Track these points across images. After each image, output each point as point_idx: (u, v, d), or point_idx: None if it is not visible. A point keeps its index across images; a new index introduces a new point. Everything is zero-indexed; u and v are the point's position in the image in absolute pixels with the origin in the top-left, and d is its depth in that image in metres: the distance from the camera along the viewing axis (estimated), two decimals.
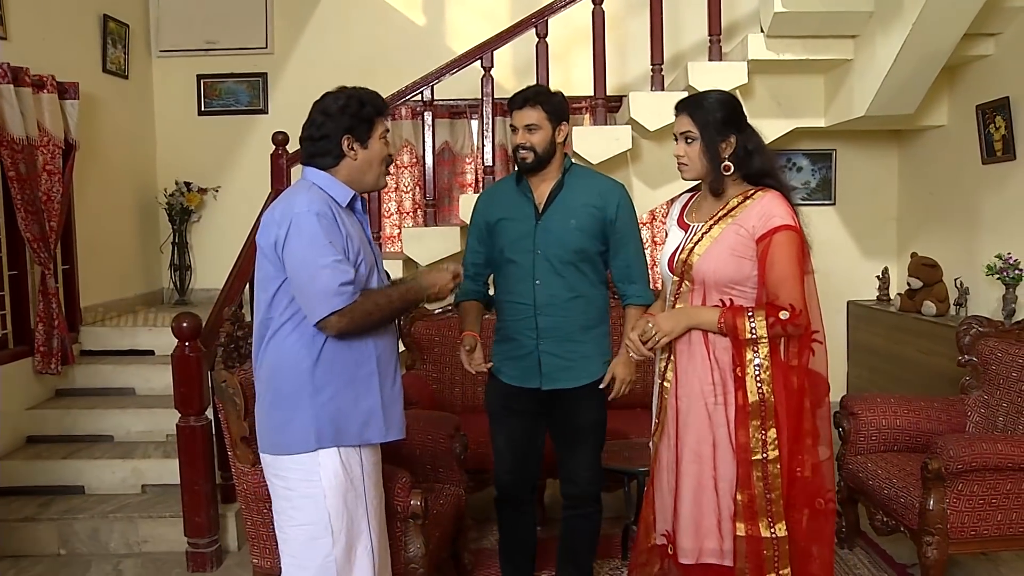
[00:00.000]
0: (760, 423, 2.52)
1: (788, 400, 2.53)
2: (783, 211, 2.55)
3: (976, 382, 3.92)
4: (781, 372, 2.53)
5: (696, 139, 2.63)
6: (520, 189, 3.08)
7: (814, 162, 6.38)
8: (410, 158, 6.27)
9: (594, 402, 3.08)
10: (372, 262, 2.54)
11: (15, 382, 4.58)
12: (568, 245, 2.98)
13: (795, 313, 2.47)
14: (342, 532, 2.48)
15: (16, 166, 4.40)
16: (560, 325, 3.00)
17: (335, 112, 2.49)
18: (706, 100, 2.64)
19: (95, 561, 4.03)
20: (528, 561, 3.33)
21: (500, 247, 3.07)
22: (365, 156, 2.53)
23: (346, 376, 2.46)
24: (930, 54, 4.59)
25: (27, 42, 4.79)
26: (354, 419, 2.48)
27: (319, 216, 2.37)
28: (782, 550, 2.55)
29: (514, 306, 3.05)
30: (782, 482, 2.53)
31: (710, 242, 2.59)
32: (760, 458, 2.53)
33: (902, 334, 5.55)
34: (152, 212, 6.31)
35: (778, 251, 2.51)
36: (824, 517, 2.59)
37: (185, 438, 3.82)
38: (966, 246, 5.35)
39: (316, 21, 6.33)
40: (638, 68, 5.74)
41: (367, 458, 2.54)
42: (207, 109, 6.41)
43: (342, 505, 2.47)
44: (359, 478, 2.51)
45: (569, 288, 3.00)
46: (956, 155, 5.47)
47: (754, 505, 2.53)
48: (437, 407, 4.38)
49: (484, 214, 3.17)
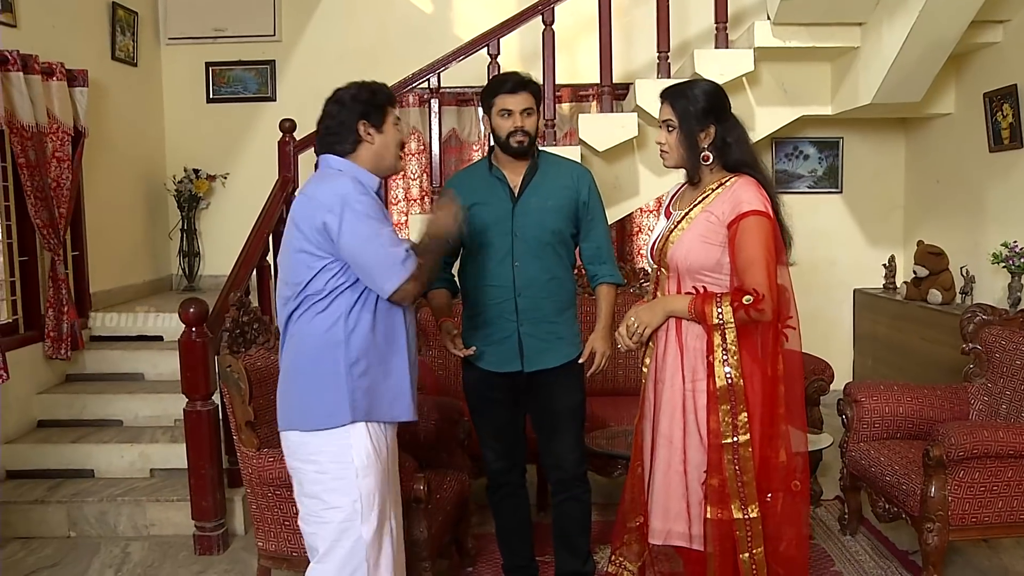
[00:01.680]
0: (730, 407, 2.56)
1: (762, 387, 2.56)
2: (753, 196, 2.57)
3: (979, 370, 3.92)
4: (750, 357, 2.56)
5: (676, 127, 2.66)
6: (493, 174, 3.12)
7: (821, 150, 6.36)
8: (417, 145, 6.29)
9: (574, 383, 3.14)
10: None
11: (26, 367, 4.62)
12: (547, 226, 3.05)
13: (758, 298, 2.49)
14: (372, 513, 2.51)
15: (26, 153, 4.44)
16: (539, 306, 3.06)
17: (348, 101, 2.58)
18: (688, 90, 2.67)
19: (103, 543, 4.08)
20: (526, 545, 3.36)
21: (474, 232, 3.09)
22: (382, 140, 2.60)
23: (378, 351, 2.53)
24: (937, 41, 4.57)
25: (37, 30, 4.82)
26: (385, 394, 2.54)
27: (367, 197, 2.47)
28: (755, 531, 2.59)
29: (492, 289, 3.08)
30: (754, 465, 2.56)
31: (683, 230, 2.64)
32: (731, 442, 2.57)
33: (908, 322, 5.55)
34: (161, 199, 6.35)
35: (745, 236, 2.54)
36: (799, 498, 2.63)
37: (192, 423, 3.86)
38: (972, 234, 5.34)
39: (324, 9, 6.35)
40: (645, 56, 5.75)
41: (391, 438, 2.61)
42: (215, 96, 6.44)
43: (374, 484, 2.51)
44: (386, 458, 2.57)
45: (547, 270, 3.06)
46: (963, 143, 5.45)
47: (725, 488, 2.57)
48: (442, 393, 4.40)
49: None
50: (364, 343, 2.50)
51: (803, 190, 6.38)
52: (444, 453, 3.64)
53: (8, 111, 4.32)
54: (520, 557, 3.37)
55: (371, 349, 2.51)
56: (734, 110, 2.72)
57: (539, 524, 3.56)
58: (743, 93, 5.15)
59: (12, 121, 4.36)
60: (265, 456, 3.09)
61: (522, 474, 3.33)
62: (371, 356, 2.51)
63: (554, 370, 3.10)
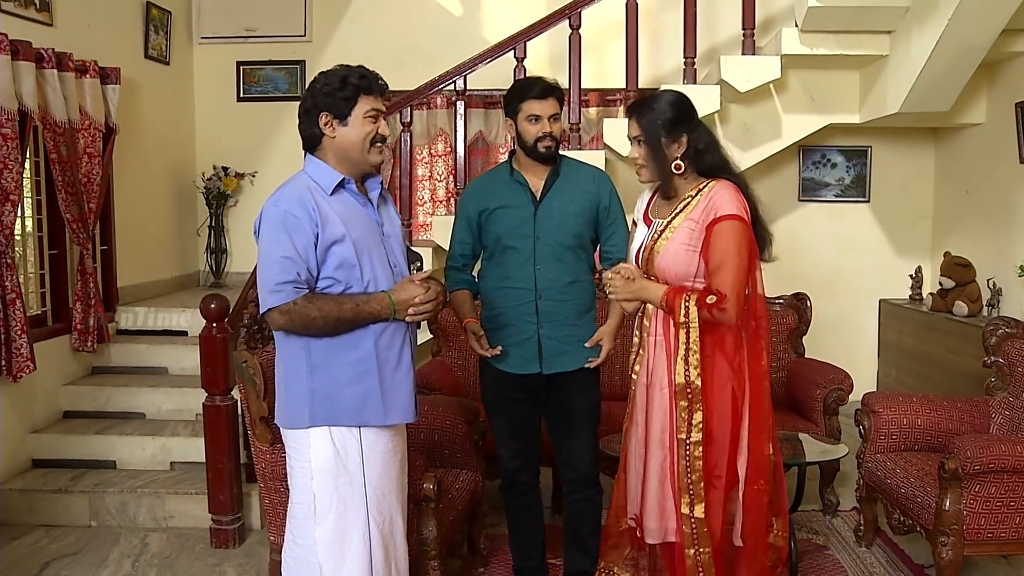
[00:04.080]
0: (687, 405, 2.60)
1: (743, 384, 2.62)
2: (729, 201, 2.60)
3: (1001, 384, 3.87)
4: (723, 359, 2.61)
5: (644, 142, 2.69)
6: (514, 178, 3.14)
7: (849, 159, 6.31)
8: (444, 147, 6.32)
9: (591, 385, 3.18)
10: (371, 246, 2.49)
11: (53, 359, 4.71)
12: (568, 230, 3.08)
13: (721, 297, 2.53)
14: (328, 516, 2.46)
15: (58, 148, 4.52)
16: (559, 309, 3.09)
17: (317, 90, 2.48)
18: (654, 103, 2.69)
19: (123, 534, 4.15)
20: (538, 546, 3.38)
21: (497, 235, 3.13)
22: (346, 134, 2.47)
23: (339, 357, 2.45)
24: (967, 50, 4.53)
25: (72, 29, 4.91)
26: (349, 400, 2.45)
27: (286, 213, 2.37)
28: (700, 531, 2.62)
29: (513, 292, 3.11)
30: (703, 464, 2.61)
31: (667, 239, 2.67)
32: (683, 438, 2.62)
33: (933, 333, 5.48)
34: (190, 196, 6.43)
35: (717, 239, 2.58)
36: (759, 497, 2.68)
37: (211, 417, 3.91)
38: (1001, 246, 5.27)
39: (354, 9, 6.40)
40: (673, 61, 5.72)
41: (370, 442, 2.51)
42: (246, 95, 6.52)
43: (331, 489, 2.45)
44: (356, 463, 2.48)
45: (567, 273, 3.09)
46: (993, 154, 5.38)
47: (677, 482, 2.64)
48: (461, 394, 4.42)
49: (476, 204, 3.20)
50: (323, 348, 2.44)
51: (830, 199, 6.34)
52: (458, 453, 3.65)
53: (42, 107, 4.40)
54: (531, 558, 3.38)
55: (332, 354, 2.45)
56: (760, 116, 2.76)
57: (551, 526, 3.57)
58: (770, 100, 5.13)
59: (45, 117, 4.44)
60: (278, 451, 3.11)
61: (536, 474, 3.36)
62: (332, 361, 2.45)
63: (572, 372, 3.12)
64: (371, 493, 2.50)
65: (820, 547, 3.92)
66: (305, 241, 2.38)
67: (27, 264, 4.75)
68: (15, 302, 4.13)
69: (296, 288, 2.38)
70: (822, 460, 3.88)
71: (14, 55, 4.15)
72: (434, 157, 6.34)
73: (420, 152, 6.38)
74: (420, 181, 6.39)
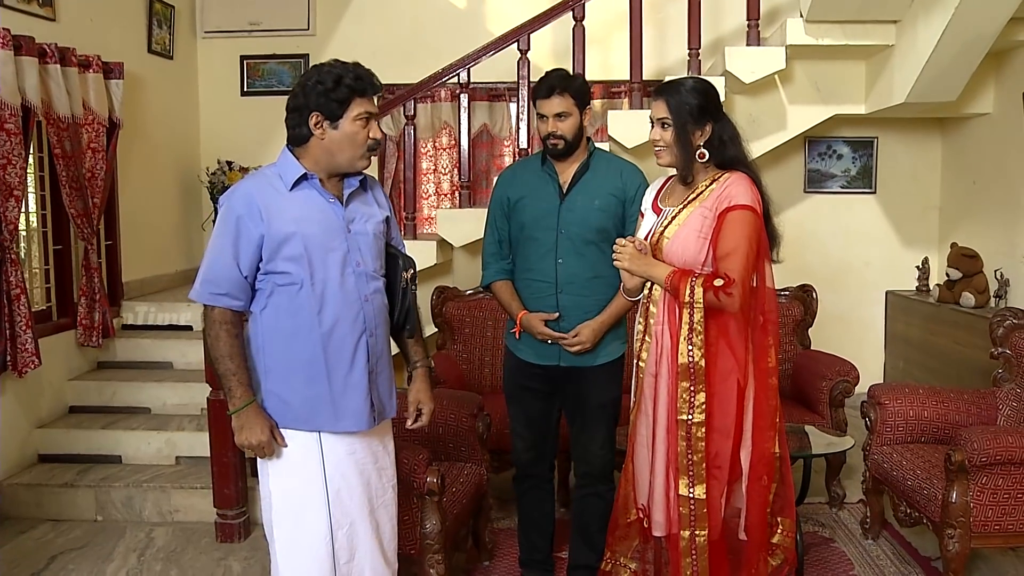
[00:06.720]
0: (689, 385, 2.59)
1: (749, 380, 2.61)
2: (744, 192, 2.60)
3: (1008, 375, 3.85)
4: (724, 345, 2.60)
5: (671, 125, 2.66)
6: (544, 170, 3.13)
7: (855, 150, 6.28)
8: (448, 140, 6.31)
9: (610, 381, 3.15)
10: (327, 245, 2.40)
11: (58, 354, 4.72)
12: (591, 224, 3.05)
13: (728, 281, 2.52)
14: (285, 516, 2.42)
15: (61, 143, 4.52)
16: (580, 304, 3.06)
17: (309, 87, 2.36)
18: (683, 86, 2.67)
19: (129, 528, 4.16)
20: (546, 539, 3.37)
21: (521, 223, 3.12)
22: (335, 137, 2.38)
23: (287, 361, 2.40)
24: (973, 39, 4.50)
25: (75, 23, 4.91)
26: (299, 404, 2.41)
27: (231, 210, 2.37)
28: (699, 512, 2.61)
29: (535, 283, 3.11)
30: (705, 446, 2.60)
31: (678, 226, 2.66)
32: (685, 419, 2.61)
33: (940, 325, 5.46)
34: (194, 190, 6.42)
35: (729, 227, 2.57)
36: (763, 493, 2.67)
37: (215, 411, 3.91)
38: (1008, 237, 5.24)
39: (357, 3, 6.38)
40: (677, 52, 5.69)
41: (330, 444, 2.44)
42: (249, 89, 6.52)
43: (286, 489, 2.42)
44: (316, 465, 2.41)
45: (590, 268, 3.06)
46: (1001, 144, 5.35)
47: (676, 463, 2.62)
48: (465, 387, 4.42)
49: (507, 190, 3.21)
50: (272, 352, 2.41)
51: (836, 190, 6.31)
52: (463, 446, 3.64)
53: (45, 102, 4.40)
54: (538, 551, 3.38)
55: (280, 357, 2.41)
56: (766, 108, 2.74)
57: (559, 520, 3.55)
58: (775, 91, 5.10)
59: (49, 112, 4.44)
60: None
61: (550, 468, 3.35)
62: (282, 365, 2.40)
63: (590, 366, 3.11)
64: (332, 496, 2.43)
65: (826, 539, 3.91)
66: (247, 242, 2.37)
67: (32, 259, 4.74)
68: (20, 297, 4.14)
69: (212, 295, 2.38)
70: (828, 452, 3.87)
71: (17, 50, 4.14)
72: (438, 150, 6.33)
73: (424, 145, 6.38)
74: (424, 174, 6.39)
